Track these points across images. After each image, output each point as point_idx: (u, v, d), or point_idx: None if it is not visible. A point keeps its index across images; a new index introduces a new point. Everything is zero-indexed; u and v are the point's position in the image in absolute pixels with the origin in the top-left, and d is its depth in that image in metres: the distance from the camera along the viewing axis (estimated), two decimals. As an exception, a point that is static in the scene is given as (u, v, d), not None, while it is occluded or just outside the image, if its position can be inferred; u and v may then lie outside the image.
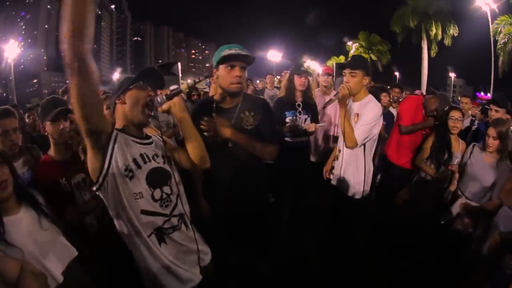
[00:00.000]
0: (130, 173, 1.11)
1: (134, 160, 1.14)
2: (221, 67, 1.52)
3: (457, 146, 2.46)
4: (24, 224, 1.08)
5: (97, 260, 1.44)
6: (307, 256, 2.38)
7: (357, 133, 1.87)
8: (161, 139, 1.33)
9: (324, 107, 1.98)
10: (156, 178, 1.18)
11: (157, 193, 1.17)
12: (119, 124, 1.20)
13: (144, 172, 1.15)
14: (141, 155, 1.17)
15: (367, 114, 1.88)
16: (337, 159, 2.14)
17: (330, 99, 2.10)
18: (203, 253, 1.29)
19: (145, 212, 1.12)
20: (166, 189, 1.20)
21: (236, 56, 1.50)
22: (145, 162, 1.17)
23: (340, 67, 2.03)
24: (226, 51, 1.49)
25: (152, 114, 1.22)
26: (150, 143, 1.26)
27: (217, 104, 1.63)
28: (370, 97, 1.97)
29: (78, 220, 1.50)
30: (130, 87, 1.18)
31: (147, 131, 1.32)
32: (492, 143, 2.11)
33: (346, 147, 1.95)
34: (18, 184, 1.13)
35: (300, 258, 2.35)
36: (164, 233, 1.16)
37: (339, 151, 2.12)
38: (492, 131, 2.12)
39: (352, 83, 1.91)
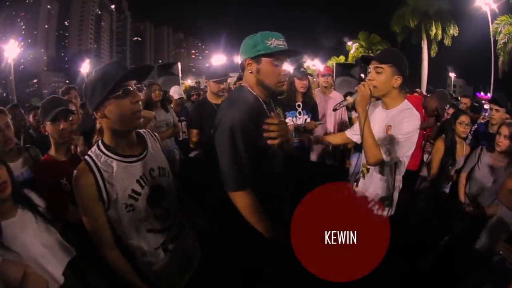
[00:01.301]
0: (130, 207, 1.07)
1: (133, 191, 1.07)
2: (265, 60, 1.23)
3: (461, 150, 2.45)
4: (21, 226, 1.06)
5: (97, 260, 1.44)
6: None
7: (385, 148, 1.46)
8: (153, 135, 1.26)
9: (335, 109, 1.71)
10: (155, 197, 1.14)
11: (158, 211, 1.15)
12: (107, 139, 1.08)
13: (144, 198, 1.10)
14: (138, 181, 1.09)
15: (403, 125, 1.43)
16: (363, 177, 1.70)
17: (345, 100, 1.60)
18: (196, 254, 1.36)
19: (152, 231, 1.13)
20: (164, 203, 1.18)
21: (289, 53, 1.29)
22: (143, 187, 1.10)
23: (365, 60, 1.57)
24: (273, 40, 1.21)
25: (142, 120, 1.08)
26: (145, 156, 1.14)
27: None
28: (406, 103, 1.54)
29: (79, 220, 1.50)
30: (107, 97, 0.99)
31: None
32: (503, 142, 2.05)
33: (367, 163, 1.52)
34: (15, 186, 1.12)
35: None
36: (168, 243, 1.18)
37: (367, 168, 1.66)
38: (505, 130, 2.06)
39: (378, 81, 1.47)
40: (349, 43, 30.16)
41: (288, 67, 1.82)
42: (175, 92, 3.79)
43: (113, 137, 1.07)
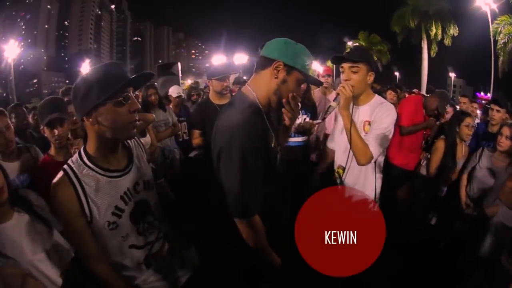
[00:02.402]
0: (113, 224, 1.01)
1: (116, 208, 1.01)
2: (296, 75, 1.11)
3: (461, 152, 2.45)
4: (17, 230, 1.04)
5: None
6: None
7: (373, 145, 1.44)
8: (139, 143, 1.19)
9: (323, 118, 1.67)
10: (139, 213, 1.09)
11: (141, 227, 1.09)
12: (91, 149, 1.00)
13: (127, 214, 1.04)
14: (121, 197, 1.03)
15: (383, 119, 1.46)
16: (338, 180, 1.67)
17: (329, 106, 1.55)
18: (186, 262, 1.30)
19: (133, 247, 1.08)
20: (149, 217, 1.12)
21: (317, 83, 1.29)
22: (126, 203, 1.04)
23: (337, 60, 1.55)
24: (311, 63, 1.16)
25: (135, 131, 1.02)
26: (130, 170, 1.08)
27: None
28: (378, 97, 1.57)
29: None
30: (103, 102, 0.91)
31: None
32: (505, 143, 2.06)
33: (359, 164, 1.49)
34: (11, 189, 1.09)
35: (300, 258, 2.34)
36: (151, 259, 1.13)
37: (342, 169, 1.64)
38: (506, 131, 2.07)
39: (355, 80, 1.47)
40: (349, 43, 30.13)
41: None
42: (173, 91, 3.74)
43: (99, 146, 0.99)
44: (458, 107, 4.28)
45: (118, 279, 1.04)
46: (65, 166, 0.99)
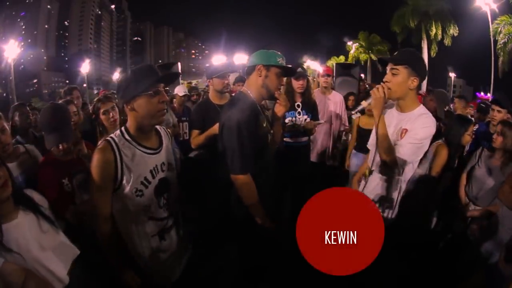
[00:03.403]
0: (140, 192, 1.17)
1: (145, 179, 1.19)
2: (274, 70, 1.55)
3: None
4: (23, 228, 1.05)
5: (99, 258, 1.44)
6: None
7: (401, 151, 1.43)
8: (167, 133, 1.40)
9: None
10: (162, 188, 1.25)
11: (161, 200, 1.26)
12: (131, 128, 1.20)
13: (153, 187, 1.22)
14: (151, 171, 1.21)
15: (419, 131, 1.42)
16: (365, 179, 1.69)
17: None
18: (187, 245, 1.45)
19: (152, 218, 1.23)
20: (167, 195, 1.29)
21: (288, 71, 1.64)
22: (153, 177, 1.22)
23: (382, 62, 1.56)
24: (281, 59, 1.56)
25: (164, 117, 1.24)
26: (160, 151, 1.28)
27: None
28: (423, 108, 1.51)
29: (79, 219, 1.51)
30: (140, 94, 1.14)
31: None
32: (497, 138, 2.08)
33: (381, 158, 1.49)
34: (15, 186, 1.11)
35: (300, 258, 2.34)
36: (165, 232, 1.28)
37: (370, 171, 1.65)
38: (499, 127, 2.10)
39: (393, 83, 1.44)
40: (349, 43, 30.16)
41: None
42: (179, 90, 3.78)
43: (136, 128, 1.19)
44: (452, 106, 4.26)
45: (114, 240, 1.19)
46: (108, 138, 1.17)
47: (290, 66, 1.63)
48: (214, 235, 1.73)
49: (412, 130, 1.44)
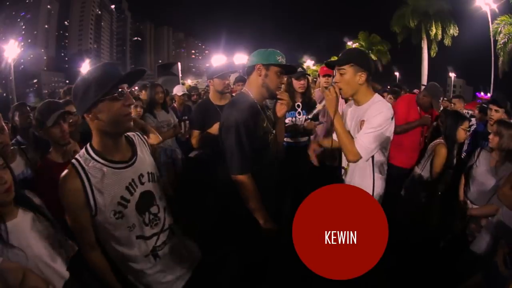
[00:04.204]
0: (119, 214, 1.06)
1: (122, 198, 1.06)
2: (273, 69, 1.54)
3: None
4: (23, 227, 1.07)
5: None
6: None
7: (359, 144, 1.49)
8: (142, 139, 1.25)
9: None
10: (144, 203, 1.13)
11: (147, 217, 1.14)
12: (96, 143, 1.06)
13: (133, 204, 1.09)
14: (127, 187, 1.08)
15: (374, 118, 1.49)
16: (345, 175, 1.74)
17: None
18: (191, 254, 1.34)
19: (140, 237, 1.12)
20: (154, 209, 1.17)
21: (289, 69, 1.61)
22: (132, 194, 1.09)
23: (330, 66, 1.76)
24: (280, 57, 1.55)
25: (131, 123, 1.08)
26: (134, 162, 1.13)
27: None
28: (377, 97, 1.60)
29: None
30: (101, 99, 0.98)
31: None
32: (493, 139, 2.10)
33: (348, 161, 1.59)
34: (17, 188, 1.12)
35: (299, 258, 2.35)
36: (158, 250, 1.17)
37: (348, 165, 1.71)
38: (494, 127, 2.12)
39: (342, 82, 1.55)
40: (349, 43, 30.13)
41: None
42: (178, 90, 3.79)
43: (102, 140, 1.05)
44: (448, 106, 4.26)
45: (106, 266, 1.10)
46: (73, 160, 1.05)
47: (289, 64, 1.64)
48: (214, 235, 1.73)
49: (367, 120, 1.51)
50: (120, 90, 1.00)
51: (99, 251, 1.09)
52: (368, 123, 1.50)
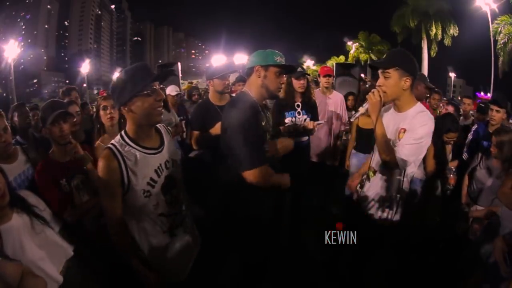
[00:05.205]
0: (147, 193, 1.19)
1: (151, 179, 1.20)
2: (272, 69, 1.55)
3: (449, 149, 2.43)
4: (17, 230, 1.06)
5: (95, 259, 1.45)
6: (308, 256, 2.38)
7: (401, 151, 1.42)
8: (167, 130, 1.41)
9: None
10: (168, 185, 1.27)
11: (168, 197, 1.27)
12: (130, 131, 1.21)
13: (159, 185, 1.23)
14: (155, 170, 1.22)
15: (417, 129, 1.41)
16: (369, 180, 1.70)
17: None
18: (197, 242, 1.46)
19: (162, 215, 1.25)
20: (174, 191, 1.31)
21: (288, 68, 1.63)
22: (159, 176, 1.23)
23: (373, 67, 1.62)
24: (279, 58, 1.56)
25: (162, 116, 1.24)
26: (162, 149, 1.28)
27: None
28: (420, 106, 1.51)
29: (76, 220, 1.51)
30: (136, 94, 1.13)
31: None
32: (493, 149, 2.09)
33: (383, 160, 1.52)
34: (11, 191, 1.11)
35: (301, 258, 2.35)
36: (174, 228, 1.30)
37: (374, 171, 1.67)
38: (493, 139, 2.10)
39: (386, 86, 1.47)
40: (349, 43, 30.16)
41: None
42: (172, 90, 3.76)
43: (136, 130, 1.20)
44: (461, 108, 4.27)
45: (130, 242, 1.21)
46: (110, 145, 1.17)
47: (288, 64, 1.64)
48: (214, 235, 1.73)
49: (410, 130, 1.44)
50: (152, 87, 1.15)
51: (126, 227, 1.20)
52: (412, 133, 1.43)
